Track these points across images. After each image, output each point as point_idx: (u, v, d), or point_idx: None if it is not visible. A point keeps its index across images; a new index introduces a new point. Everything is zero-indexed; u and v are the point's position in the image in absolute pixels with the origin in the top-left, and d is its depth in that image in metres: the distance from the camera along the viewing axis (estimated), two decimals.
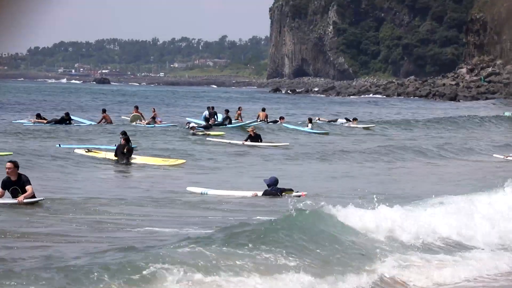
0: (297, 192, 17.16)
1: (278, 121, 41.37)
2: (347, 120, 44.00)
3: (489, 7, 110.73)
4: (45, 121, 36.24)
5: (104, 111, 40.65)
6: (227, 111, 41.86)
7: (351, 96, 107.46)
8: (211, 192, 17.87)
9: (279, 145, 30.91)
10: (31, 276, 7.57)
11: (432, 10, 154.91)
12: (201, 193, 17.81)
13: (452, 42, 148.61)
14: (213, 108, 43.48)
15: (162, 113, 49.49)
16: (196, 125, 36.09)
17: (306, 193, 17.14)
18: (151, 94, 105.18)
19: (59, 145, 25.61)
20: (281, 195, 16.96)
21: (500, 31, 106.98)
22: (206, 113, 42.88)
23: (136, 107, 42.86)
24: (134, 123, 38.52)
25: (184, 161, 24.43)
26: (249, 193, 17.60)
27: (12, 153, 22.01)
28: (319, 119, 44.96)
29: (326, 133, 37.90)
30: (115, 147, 24.52)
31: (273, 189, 17.06)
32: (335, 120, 45.42)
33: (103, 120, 38.85)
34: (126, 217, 13.53)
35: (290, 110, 65.54)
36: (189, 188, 18.40)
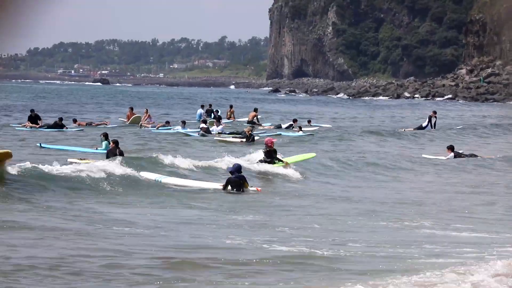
0: (252, 187, 16.95)
1: (292, 124, 38.23)
2: (430, 119, 40.33)
3: (489, 8, 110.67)
4: (37, 126, 35.84)
5: (74, 121, 38.78)
6: (217, 111, 42.26)
7: (381, 97, 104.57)
8: (166, 180, 17.44)
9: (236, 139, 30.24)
10: None
11: (431, 11, 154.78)
12: (155, 180, 17.43)
13: (451, 43, 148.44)
14: (210, 106, 44.22)
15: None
16: (206, 127, 36.06)
17: (261, 188, 17.02)
18: (176, 96, 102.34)
19: (40, 144, 25.53)
20: (244, 186, 16.68)
21: (499, 32, 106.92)
22: (202, 112, 43.13)
23: (131, 108, 42.09)
24: (141, 128, 37.65)
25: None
26: (209, 184, 17.26)
27: (315, 154, 22.00)
28: (404, 130, 39.69)
29: (312, 134, 36.93)
30: (95, 150, 24.53)
31: (237, 176, 16.78)
32: (420, 127, 40.39)
33: (80, 126, 37.55)
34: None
35: (353, 114, 60.50)
36: (143, 173, 17.87)
